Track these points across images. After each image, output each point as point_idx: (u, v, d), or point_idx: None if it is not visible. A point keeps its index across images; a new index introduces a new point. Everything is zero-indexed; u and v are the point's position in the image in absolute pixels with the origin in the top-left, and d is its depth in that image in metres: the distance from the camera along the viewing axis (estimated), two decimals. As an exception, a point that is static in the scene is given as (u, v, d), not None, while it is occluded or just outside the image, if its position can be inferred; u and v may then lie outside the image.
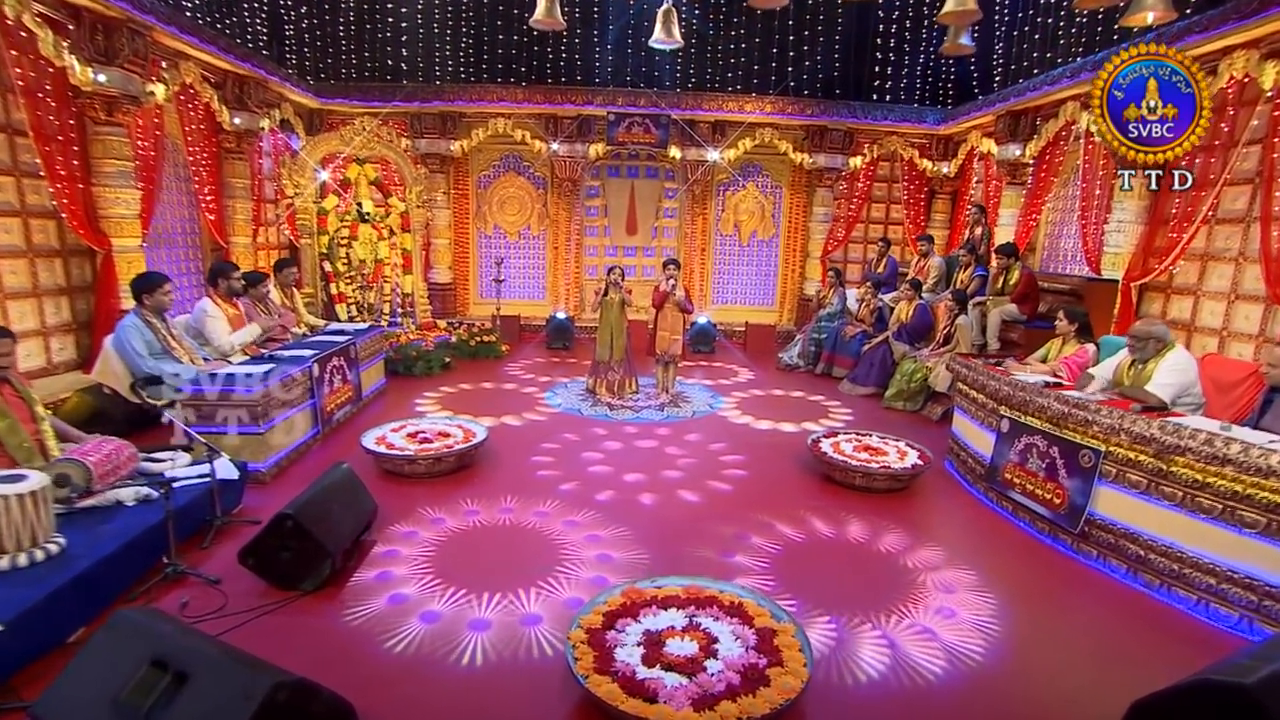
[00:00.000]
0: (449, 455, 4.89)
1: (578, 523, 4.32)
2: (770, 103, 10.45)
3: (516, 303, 11.36)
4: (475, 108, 10.29)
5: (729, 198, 11.39)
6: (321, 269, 8.66)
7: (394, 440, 5.07)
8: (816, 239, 11.21)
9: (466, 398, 7.30)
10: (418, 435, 5.19)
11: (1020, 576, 3.89)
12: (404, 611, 3.31)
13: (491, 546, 4.00)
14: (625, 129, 10.33)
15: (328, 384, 5.74)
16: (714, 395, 7.75)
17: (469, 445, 5.03)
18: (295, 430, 5.20)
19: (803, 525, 4.39)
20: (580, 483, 4.99)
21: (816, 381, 8.64)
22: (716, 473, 5.30)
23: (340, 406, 6.07)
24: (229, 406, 4.54)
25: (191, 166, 7.83)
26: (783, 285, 11.67)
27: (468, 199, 11.15)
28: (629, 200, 11.25)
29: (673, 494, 4.86)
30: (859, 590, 3.66)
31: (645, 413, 6.93)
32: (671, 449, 5.83)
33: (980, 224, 8.93)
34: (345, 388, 6.17)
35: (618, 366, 7.55)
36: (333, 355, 5.88)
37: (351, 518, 3.68)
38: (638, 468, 5.34)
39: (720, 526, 4.34)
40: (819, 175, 10.87)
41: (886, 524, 4.45)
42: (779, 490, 5.02)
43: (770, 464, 5.56)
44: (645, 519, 4.44)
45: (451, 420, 5.56)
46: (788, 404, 7.54)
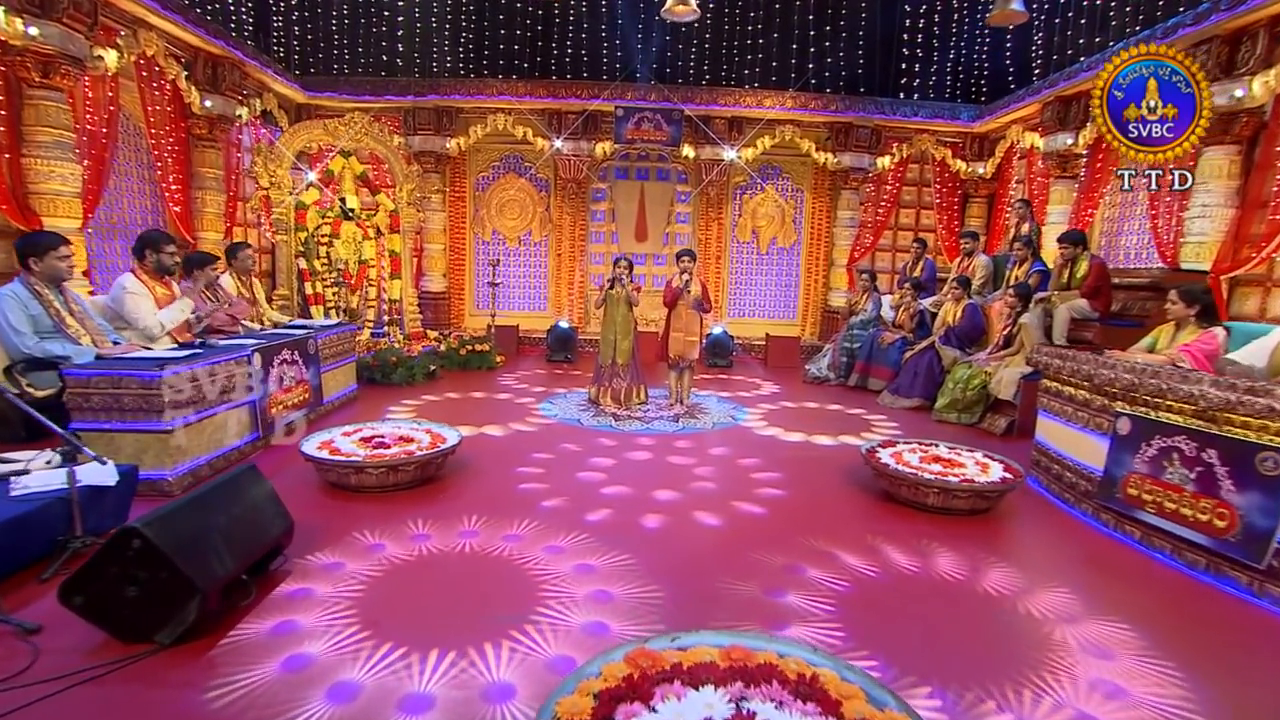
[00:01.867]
0: (407, 464, 3.79)
1: (562, 549, 3.18)
2: (791, 98, 9.54)
3: (515, 313, 10.34)
4: (473, 102, 9.42)
5: (747, 201, 10.42)
6: (297, 267, 7.67)
7: (343, 446, 3.97)
8: (842, 246, 10.18)
9: (449, 407, 6.21)
10: (373, 440, 4.09)
11: (1196, 633, 2.71)
12: (304, 682, 2.17)
13: (445, 583, 2.87)
14: (634, 125, 9.41)
15: (274, 381, 4.68)
16: (735, 407, 6.63)
17: (435, 453, 3.92)
18: (224, 432, 4.12)
19: (873, 555, 3.24)
20: (569, 499, 3.86)
21: (850, 394, 7.50)
22: (747, 491, 4.16)
23: (293, 409, 4.99)
24: (128, 395, 3.48)
25: (154, 150, 6.92)
26: (805, 296, 10.61)
27: (464, 202, 10.23)
28: (638, 204, 10.29)
29: (690, 515, 3.72)
30: (969, 649, 2.50)
31: (657, 424, 5.81)
32: (689, 462, 4.70)
33: (1027, 220, 7.87)
34: (300, 388, 5.10)
35: (623, 372, 6.46)
36: (282, 348, 4.83)
37: (244, 540, 2.57)
38: (647, 483, 4.20)
39: (761, 554, 3.19)
40: (844, 177, 9.88)
41: (982, 555, 3.28)
42: (831, 511, 3.87)
43: (814, 481, 4.41)
44: (654, 545, 3.30)
45: (419, 425, 4.47)
46: (821, 417, 6.40)
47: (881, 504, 3.97)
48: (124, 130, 6.92)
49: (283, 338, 4.98)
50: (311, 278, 7.68)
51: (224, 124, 7.64)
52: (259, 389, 4.47)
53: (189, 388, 3.73)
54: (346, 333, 6.18)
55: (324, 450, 3.89)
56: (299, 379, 5.10)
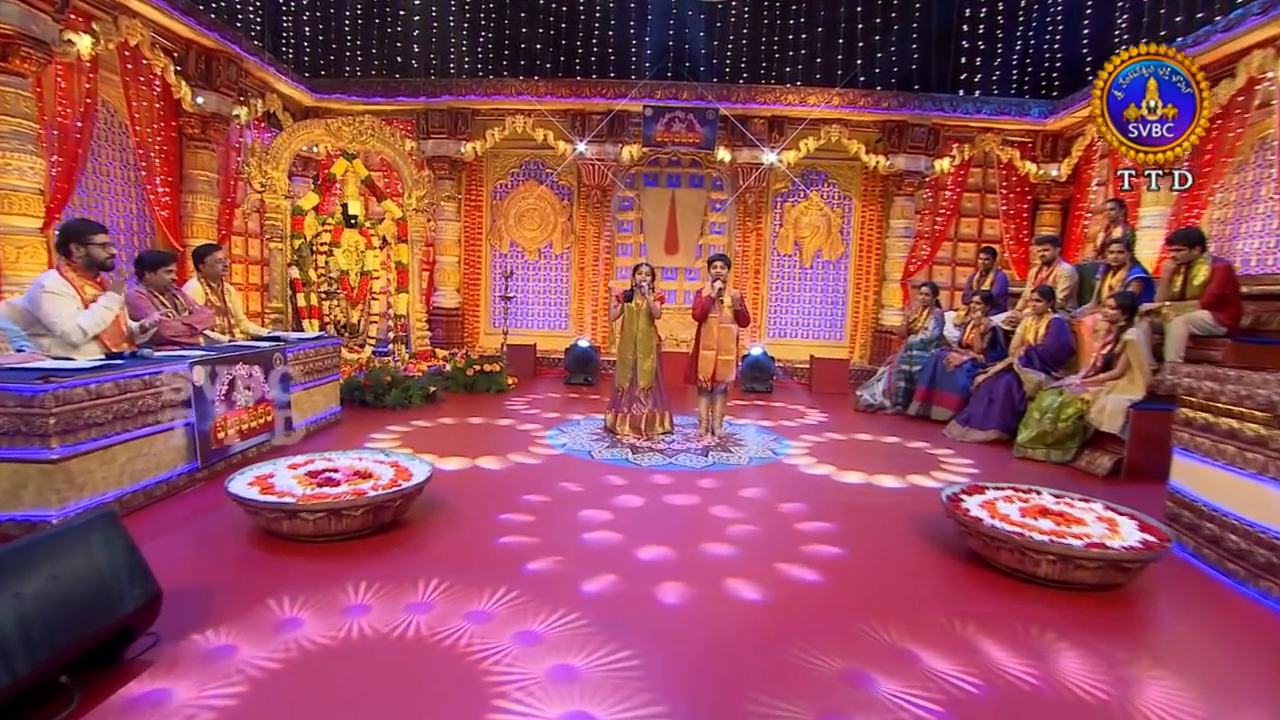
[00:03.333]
0: (354, 508, 3.01)
1: (540, 637, 2.34)
2: (838, 95, 8.74)
3: (533, 332, 9.64)
4: (490, 103, 8.85)
5: (788, 210, 9.59)
6: (289, 277, 7.09)
7: (282, 482, 3.22)
8: (895, 259, 9.25)
9: (442, 434, 5.47)
10: (321, 475, 3.33)
11: None
12: None
13: (365, 688, 2.06)
14: (665, 127, 8.71)
15: (222, 401, 3.99)
16: (776, 439, 5.74)
17: (391, 494, 3.14)
18: (147, 462, 3.43)
19: (968, 654, 2.32)
20: (563, 559, 3.02)
21: (911, 425, 6.53)
22: (792, 548, 3.28)
23: (250, 434, 4.30)
24: (0, 415, 2.80)
25: (139, 149, 6.45)
26: (854, 314, 9.67)
27: (480, 211, 9.63)
28: (669, 213, 9.55)
29: (719, 584, 2.85)
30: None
31: (682, 457, 4.96)
32: (719, 509, 3.84)
33: (1119, 223, 6.85)
34: (260, 410, 4.41)
35: (644, 397, 5.64)
36: (236, 362, 4.15)
37: (60, 624, 1.81)
38: (662, 536, 3.35)
39: (812, 650, 2.30)
40: (898, 182, 8.99)
41: (1126, 656, 2.35)
42: (903, 582, 2.96)
43: (877, 536, 3.50)
44: (667, 632, 2.44)
45: (386, 457, 3.71)
46: (879, 451, 5.47)
47: (970, 570, 3.04)
48: (107, 126, 6.48)
49: (239, 350, 4.31)
50: (305, 289, 7.10)
51: (218, 123, 7.16)
52: (202, 409, 3.78)
53: (91, 407, 3.04)
54: (326, 347, 5.51)
55: (256, 487, 3.15)
56: (260, 399, 4.42)
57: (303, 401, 5.08)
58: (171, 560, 2.80)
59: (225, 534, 3.16)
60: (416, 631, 2.34)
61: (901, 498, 4.18)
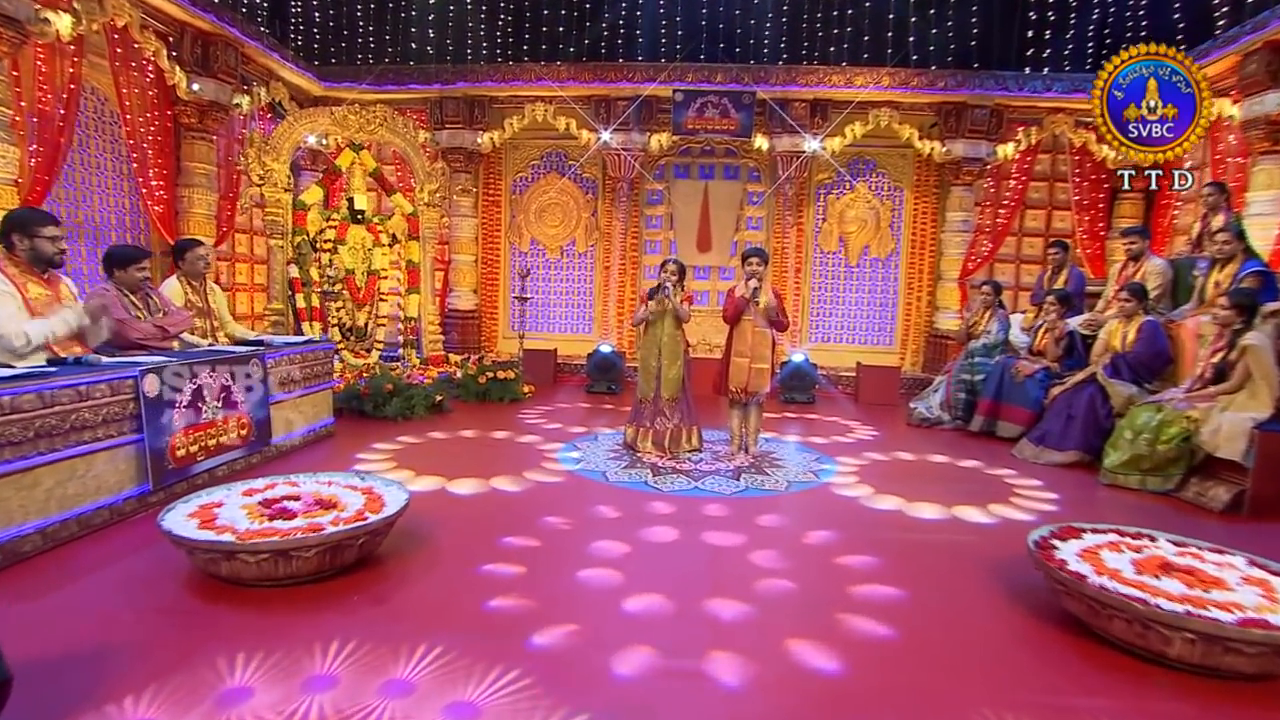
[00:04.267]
0: (303, 549, 2.56)
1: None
2: (889, 75, 8.10)
3: (555, 336, 9.20)
4: (508, 90, 8.45)
5: (833, 203, 8.97)
6: (287, 276, 6.76)
7: (229, 514, 2.79)
8: (952, 255, 8.55)
9: (442, 450, 5.03)
10: (276, 505, 2.89)
11: None
12: None
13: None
14: (697, 112, 8.19)
15: (181, 414, 3.60)
16: (818, 458, 5.16)
17: (354, 529, 2.68)
18: (83, 486, 3.04)
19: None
20: (578, 628, 2.46)
21: (973, 442, 5.88)
22: (840, 592, 2.73)
23: (219, 451, 3.91)
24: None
25: (129, 140, 6.18)
26: (905, 317, 9.00)
27: (499, 206, 9.23)
28: (701, 207, 9.02)
29: (779, 649, 2.31)
30: None
31: (710, 480, 4.43)
32: (755, 546, 3.29)
33: (1221, 209, 6.09)
34: (232, 423, 4.02)
35: (669, 409, 5.13)
36: (202, 371, 3.75)
37: None
38: (679, 583, 2.82)
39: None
40: (955, 170, 8.31)
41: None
42: (987, 653, 2.38)
43: (947, 586, 2.92)
44: None
45: (360, 481, 3.26)
46: (939, 475, 4.85)
47: (1071, 641, 2.45)
48: (96, 115, 6.24)
49: (207, 356, 3.92)
50: (305, 289, 6.75)
51: (217, 113, 6.88)
52: (156, 424, 3.39)
53: (4, 424, 2.64)
54: (317, 353, 5.11)
55: (196, 520, 2.72)
56: (231, 411, 4.02)
57: (288, 413, 4.69)
58: (97, 604, 2.45)
59: (166, 574, 2.74)
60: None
61: (970, 535, 3.58)
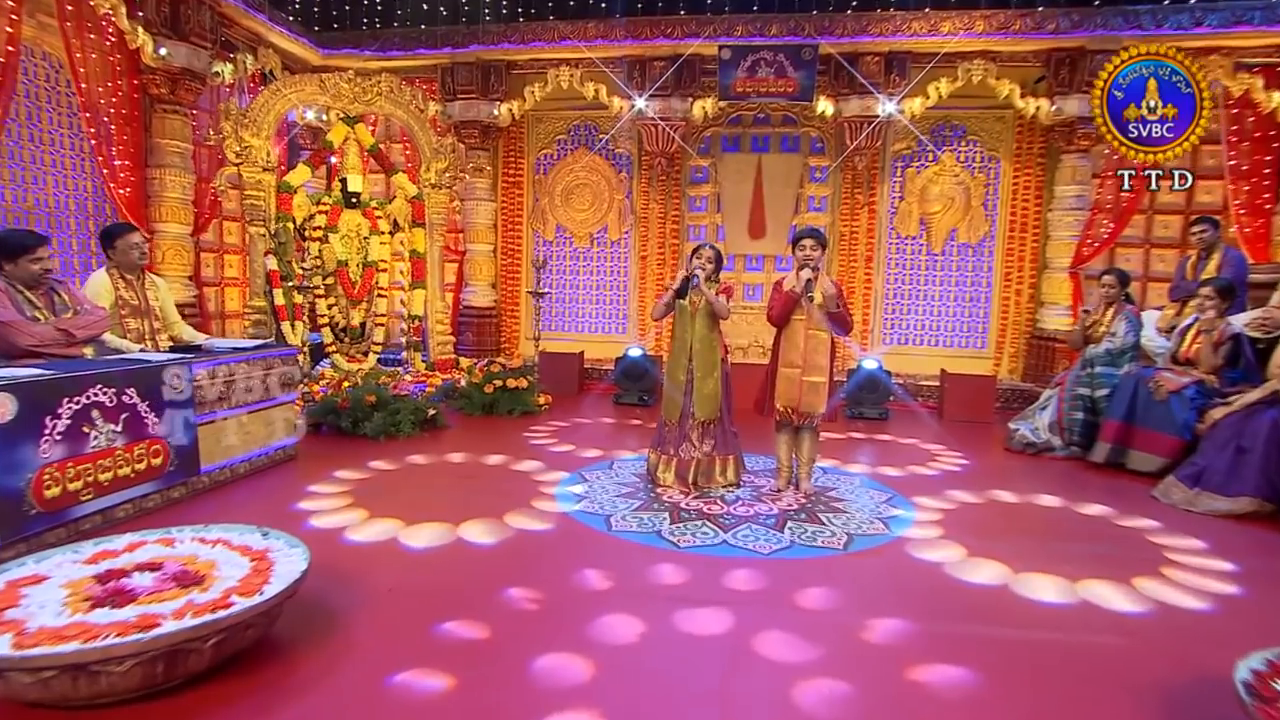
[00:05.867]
0: (112, 661, 1.83)
1: None
2: (982, 18, 7.02)
3: (584, 337, 8.46)
4: (529, 52, 7.73)
5: (912, 178, 7.92)
6: (265, 269, 6.20)
7: (43, 595, 2.09)
8: (1062, 239, 7.38)
9: (412, 481, 4.31)
10: (113, 581, 2.18)
11: None
12: None
13: None
14: (747, 73, 7.29)
15: (55, 443, 2.96)
16: (891, 499, 4.21)
17: (198, 626, 1.94)
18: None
19: None
20: None
21: (1095, 478, 4.82)
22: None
23: (115, 488, 3.27)
24: None
25: (85, 112, 5.72)
26: (1002, 315, 7.86)
27: (520, 189, 8.53)
28: (754, 185, 8.10)
29: None
30: None
31: (743, 531, 3.55)
32: (783, 644, 2.42)
33: None
34: (137, 450, 3.38)
35: (701, 434, 4.29)
36: (89, 386, 3.11)
37: None
38: (686, 713, 1.98)
39: None
40: (1067, 134, 7.13)
41: None
42: None
43: None
44: None
45: (261, 539, 2.53)
46: (1053, 527, 3.85)
47: None
48: (49, 84, 5.79)
49: (98, 369, 3.29)
50: (284, 283, 6.18)
51: (191, 81, 6.36)
52: (9, 457, 2.76)
53: None
54: (272, 359, 4.46)
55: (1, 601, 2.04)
56: (137, 436, 3.38)
57: (228, 434, 4.05)
58: None
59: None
60: None
61: (1111, 634, 2.60)
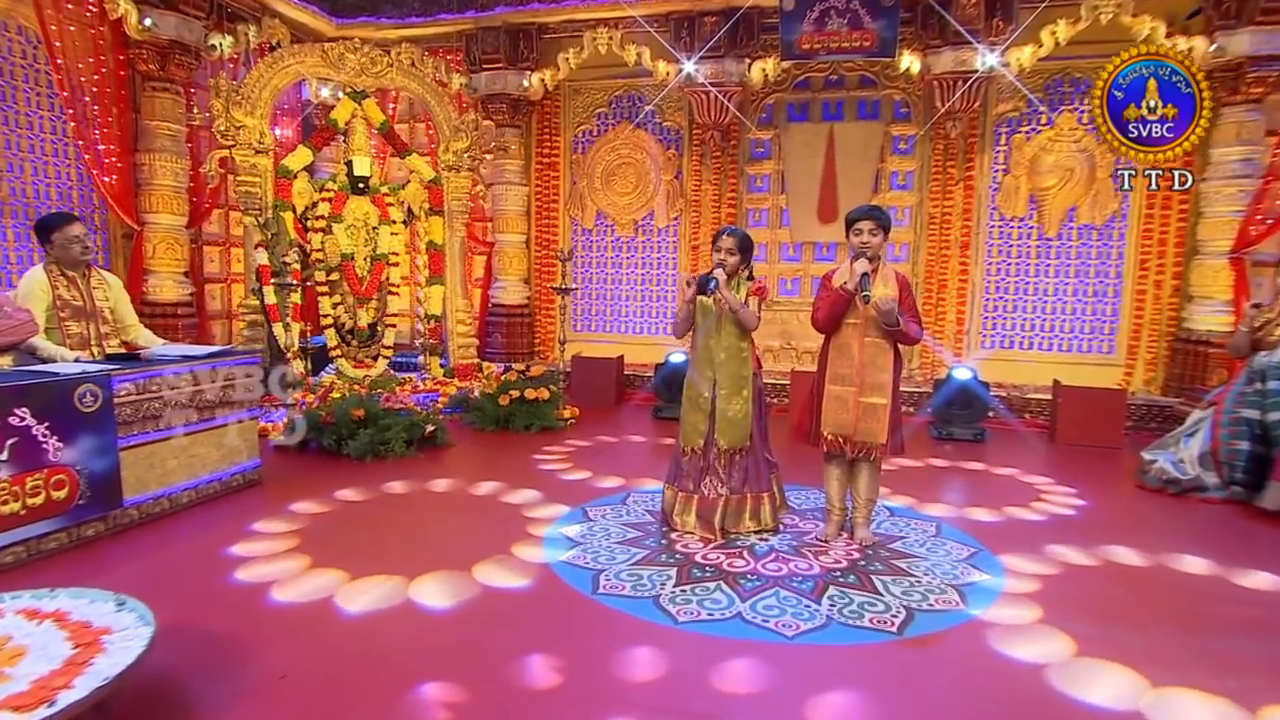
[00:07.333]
0: None
1: None
2: (1114, -59, 5.97)
3: (626, 339, 7.84)
4: (562, 12, 7.15)
5: (1020, 146, 6.88)
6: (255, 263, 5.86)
7: None
8: (1219, 216, 6.18)
9: (377, 517, 3.77)
10: None
11: None
12: None
13: None
14: (815, 25, 6.46)
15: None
16: (974, 555, 3.38)
17: None
18: None
19: None
20: None
21: (1268, 532, 3.81)
22: None
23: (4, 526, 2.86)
24: None
25: (62, 91, 5.49)
26: (1135, 313, 6.72)
27: (556, 170, 7.97)
28: (825, 160, 7.26)
29: None
30: None
31: (768, 599, 2.82)
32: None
33: None
34: (32, 481, 2.95)
35: (726, 465, 3.60)
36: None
37: None
38: None
39: None
40: (1231, 81, 5.96)
41: None
42: None
43: None
44: None
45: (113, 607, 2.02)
46: (1209, 611, 2.92)
47: None
48: (27, 61, 5.60)
49: None
50: (274, 279, 5.81)
51: (183, 55, 6.07)
52: None
53: None
54: (228, 369, 4.01)
55: None
56: (32, 464, 2.96)
57: (164, 459, 3.62)
58: None
59: None
60: None
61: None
